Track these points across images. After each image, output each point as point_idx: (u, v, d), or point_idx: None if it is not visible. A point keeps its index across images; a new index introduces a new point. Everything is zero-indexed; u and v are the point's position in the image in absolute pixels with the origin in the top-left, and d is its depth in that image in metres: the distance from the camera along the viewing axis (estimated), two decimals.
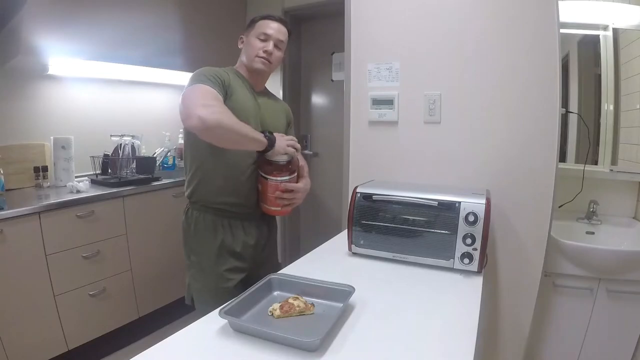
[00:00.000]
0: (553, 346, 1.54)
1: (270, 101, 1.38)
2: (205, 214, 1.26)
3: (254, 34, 1.28)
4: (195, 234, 1.27)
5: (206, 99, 1.08)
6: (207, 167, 1.24)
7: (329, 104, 2.95)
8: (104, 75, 2.27)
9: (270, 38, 1.27)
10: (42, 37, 1.75)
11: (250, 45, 1.28)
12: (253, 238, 1.31)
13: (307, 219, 3.13)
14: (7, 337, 1.53)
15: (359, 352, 0.71)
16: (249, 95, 1.28)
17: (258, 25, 1.29)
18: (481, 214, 1.03)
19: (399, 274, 1.08)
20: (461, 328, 0.79)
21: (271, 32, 1.27)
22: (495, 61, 1.34)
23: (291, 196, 1.26)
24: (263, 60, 1.27)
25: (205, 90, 1.10)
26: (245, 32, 1.32)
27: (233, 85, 1.22)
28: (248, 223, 1.30)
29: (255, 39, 1.27)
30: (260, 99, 1.32)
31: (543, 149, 1.30)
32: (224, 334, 0.75)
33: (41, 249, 1.62)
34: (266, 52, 1.26)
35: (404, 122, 1.53)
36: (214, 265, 1.25)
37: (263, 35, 1.27)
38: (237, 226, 1.28)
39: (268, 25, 1.28)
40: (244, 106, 1.22)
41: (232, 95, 1.20)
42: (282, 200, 1.25)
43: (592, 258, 1.43)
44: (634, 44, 1.63)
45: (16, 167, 1.95)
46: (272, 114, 1.36)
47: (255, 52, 1.26)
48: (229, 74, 1.24)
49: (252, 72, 1.30)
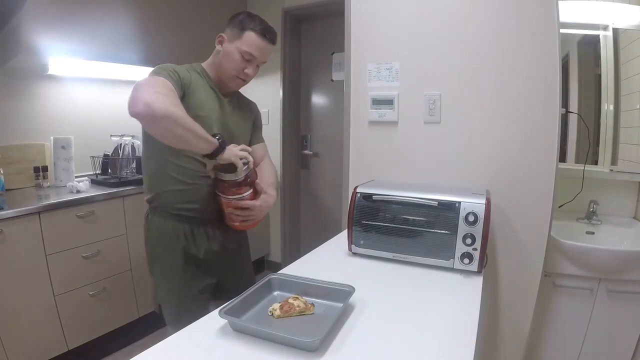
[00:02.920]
0: (553, 346, 1.54)
1: (237, 102, 1.31)
2: (166, 220, 1.20)
3: (238, 47, 1.15)
4: (157, 241, 1.22)
5: (159, 87, 0.99)
6: (164, 172, 1.18)
7: (329, 104, 2.95)
8: (104, 75, 2.28)
9: (255, 60, 1.18)
10: (42, 37, 1.75)
11: (231, 58, 1.16)
12: (217, 244, 1.26)
13: (307, 219, 3.13)
14: (7, 337, 1.53)
15: (359, 352, 0.70)
16: (213, 96, 1.21)
17: (246, 37, 1.15)
18: (481, 214, 1.03)
19: (399, 274, 1.08)
20: (461, 328, 0.79)
21: (258, 55, 1.17)
22: (495, 61, 1.34)
23: (246, 213, 1.20)
24: (240, 81, 1.20)
25: (161, 81, 1.02)
26: (228, 32, 1.18)
27: (195, 86, 1.15)
28: (211, 228, 1.25)
29: (239, 54, 1.15)
30: (226, 101, 1.25)
31: (543, 149, 1.30)
32: (224, 334, 0.75)
33: (41, 249, 1.62)
34: (246, 74, 1.18)
35: (404, 122, 1.53)
36: (177, 273, 1.20)
37: (248, 54, 1.16)
38: (199, 232, 1.23)
39: (257, 46, 1.16)
40: (204, 107, 1.16)
41: (191, 95, 1.13)
42: (237, 217, 1.20)
43: (592, 258, 1.43)
44: (634, 44, 1.63)
45: (16, 167, 1.95)
46: (239, 117, 1.29)
47: (235, 72, 1.17)
48: (191, 74, 1.16)
49: (222, 83, 1.22)
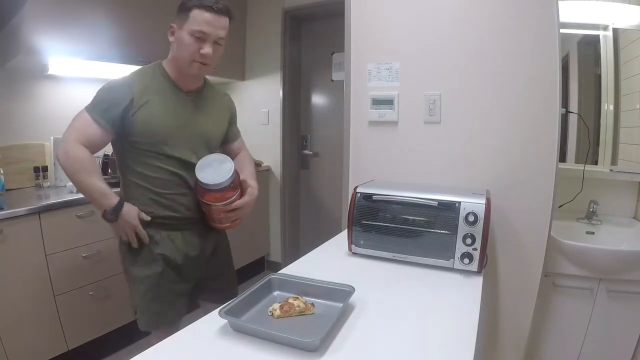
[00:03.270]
0: (553, 346, 1.54)
1: (207, 98, 1.24)
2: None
3: (187, 29, 1.06)
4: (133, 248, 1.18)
5: (78, 137, 1.07)
6: (136, 180, 1.16)
7: (329, 104, 2.95)
8: (104, 75, 2.25)
9: (208, 37, 1.07)
10: (42, 37, 1.75)
11: (184, 43, 1.07)
12: (196, 249, 1.23)
13: (307, 219, 3.13)
14: (7, 337, 1.52)
15: (359, 352, 0.71)
16: (175, 99, 1.15)
17: (192, 17, 1.05)
18: (481, 214, 1.03)
19: (399, 274, 1.08)
20: (461, 328, 0.79)
21: (210, 31, 1.06)
22: (495, 61, 1.34)
23: (237, 213, 1.19)
24: (200, 65, 1.10)
25: (84, 126, 1.08)
26: (177, 20, 1.10)
27: (148, 95, 1.10)
28: (190, 233, 1.22)
29: (190, 37, 1.06)
30: (193, 101, 1.20)
31: (543, 149, 1.30)
32: (224, 334, 0.75)
33: (41, 249, 1.62)
34: (204, 55, 1.08)
35: (404, 122, 1.53)
36: (153, 279, 1.17)
37: (199, 32, 1.06)
38: (177, 237, 1.19)
39: (206, 20, 1.05)
40: (161, 114, 1.11)
41: (143, 106, 1.09)
42: (229, 219, 1.20)
43: (592, 258, 1.43)
44: (634, 44, 1.63)
45: (16, 167, 1.95)
46: (211, 113, 1.25)
47: (191, 56, 1.08)
48: (139, 81, 1.11)
49: (185, 74, 1.15)
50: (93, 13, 1.93)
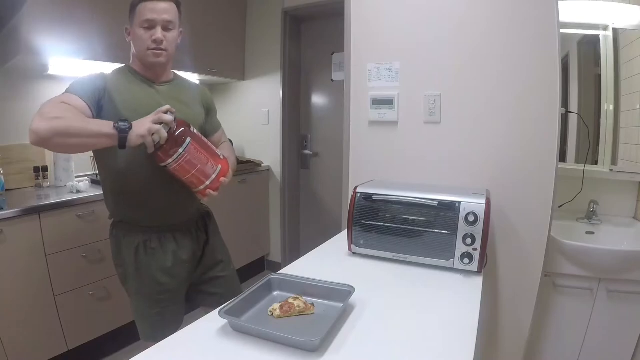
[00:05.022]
0: (553, 346, 1.54)
1: (178, 89, 1.25)
2: (131, 234, 1.16)
3: (137, 23, 1.11)
4: (124, 255, 1.18)
5: (51, 108, 0.96)
6: (119, 185, 1.14)
7: (329, 104, 2.95)
8: None
9: (156, 23, 1.10)
10: (42, 37, 1.74)
11: (137, 37, 1.12)
12: (187, 252, 1.22)
13: (307, 219, 3.13)
14: (7, 337, 1.52)
15: (359, 352, 0.70)
16: (146, 91, 1.16)
17: (138, 11, 1.11)
18: (481, 214, 1.03)
19: (399, 274, 1.08)
20: (461, 328, 0.79)
21: (155, 17, 1.10)
22: (495, 61, 1.34)
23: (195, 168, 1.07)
24: (155, 52, 1.12)
25: (57, 100, 1.00)
26: (129, 21, 1.15)
27: (117, 87, 1.11)
28: (181, 234, 1.21)
29: (140, 29, 1.11)
30: (164, 90, 1.20)
31: (543, 149, 1.30)
32: (224, 334, 0.75)
33: (41, 249, 1.62)
34: (155, 41, 1.11)
35: (404, 122, 1.53)
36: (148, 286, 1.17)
37: (146, 22, 1.10)
38: (169, 239, 1.19)
39: (149, 9, 1.09)
40: (134, 105, 1.10)
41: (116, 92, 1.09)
42: (195, 178, 1.08)
43: (592, 258, 1.43)
44: (634, 44, 1.63)
45: (16, 167, 1.95)
46: (185, 100, 1.23)
47: (145, 45, 1.12)
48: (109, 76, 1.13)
49: (148, 67, 1.17)
50: (93, 13, 1.92)
